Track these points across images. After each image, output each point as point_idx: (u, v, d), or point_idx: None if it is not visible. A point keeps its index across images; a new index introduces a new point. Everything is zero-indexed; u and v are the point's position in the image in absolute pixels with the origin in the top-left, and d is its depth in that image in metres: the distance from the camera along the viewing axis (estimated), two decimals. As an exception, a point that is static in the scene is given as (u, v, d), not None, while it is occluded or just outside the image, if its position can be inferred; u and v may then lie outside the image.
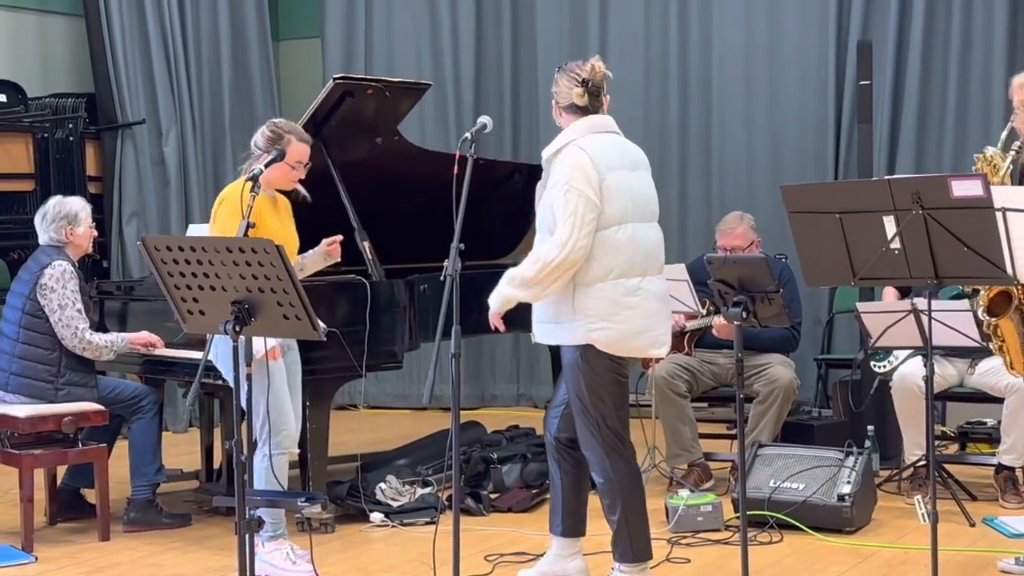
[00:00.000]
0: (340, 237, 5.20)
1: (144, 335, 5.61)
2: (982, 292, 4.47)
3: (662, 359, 6.00)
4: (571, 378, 4.28)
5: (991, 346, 4.61)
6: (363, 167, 5.91)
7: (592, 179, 4.16)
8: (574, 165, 4.18)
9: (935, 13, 7.74)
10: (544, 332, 4.33)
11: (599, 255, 4.17)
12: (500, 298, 4.29)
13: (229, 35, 8.71)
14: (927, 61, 7.75)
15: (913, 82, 7.76)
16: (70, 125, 7.92)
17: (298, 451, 4.98)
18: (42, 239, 5.50)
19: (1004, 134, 4.54)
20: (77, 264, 5.52)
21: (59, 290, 5.36)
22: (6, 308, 5.54)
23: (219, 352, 4.66)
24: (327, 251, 5.15)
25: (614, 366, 4.26)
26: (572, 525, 4.52)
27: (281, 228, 4.83)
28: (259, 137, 4.91)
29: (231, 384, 4.17)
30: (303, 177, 4.92)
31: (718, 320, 5.93)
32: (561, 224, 4.13)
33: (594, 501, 4.64)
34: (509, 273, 4.27)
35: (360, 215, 5.72)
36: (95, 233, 5.64)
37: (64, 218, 5.47)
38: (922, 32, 7.73)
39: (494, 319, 4.36)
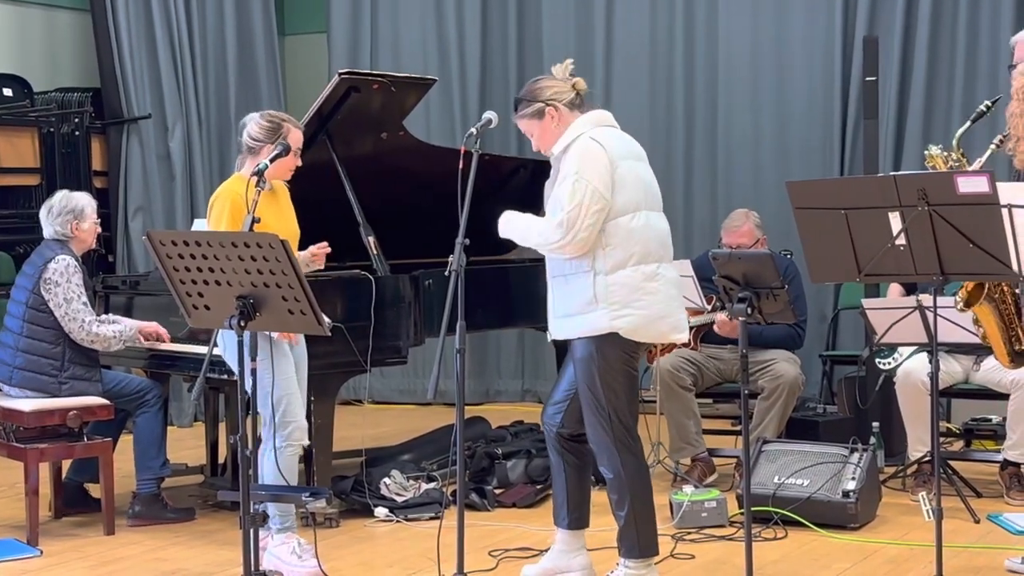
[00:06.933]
0: (327, 248, 5.12)
1: (154, 325, 5.60)
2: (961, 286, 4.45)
3: (670, 351, 6.03)
4: (584, 372, 4.26)
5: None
6: (368, 162, 5.91)
7: (604, 170, 4.15)
8: (586, 155, 4.18)
9: (941, 8, 7.73)
10: (563, 327, 4.29)
11: (619, 243, 4.17)
12: (508, 230, 4.36)
13: (235, 30, 8.72)
14: (933, 57, 7.74)
15: (919, 78, 7.75)
16: (76, 120, 7.93)
17: (308, 442, 4.96)
18: (47, 232, 5.50)
19: (961, 130, 4.42)
20: (80, 259, 5.52)
21: (64, 284, 5.36)
22: (10, 303, 5.54)
23: (226, 346, 4.65)
24: (312, 257, 5.07)
25: (628, 359, 4.25)
26: (578, 518, 4.52)
27: (280, 220, 4.82)
28: (255, 129, 4.86)
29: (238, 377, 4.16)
30: (299, 164, 4.91)
31: (720, 316, 5.94)
32: (566, 212, 4.11)
33: (598, 497, 4.65)
34: (530, 224, 4.27)
35: (365, 210, 5.71)
36: (99, 229, 5.64)
37: (70, 212, 5.47)
38: (928, 27, 7.72)
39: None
